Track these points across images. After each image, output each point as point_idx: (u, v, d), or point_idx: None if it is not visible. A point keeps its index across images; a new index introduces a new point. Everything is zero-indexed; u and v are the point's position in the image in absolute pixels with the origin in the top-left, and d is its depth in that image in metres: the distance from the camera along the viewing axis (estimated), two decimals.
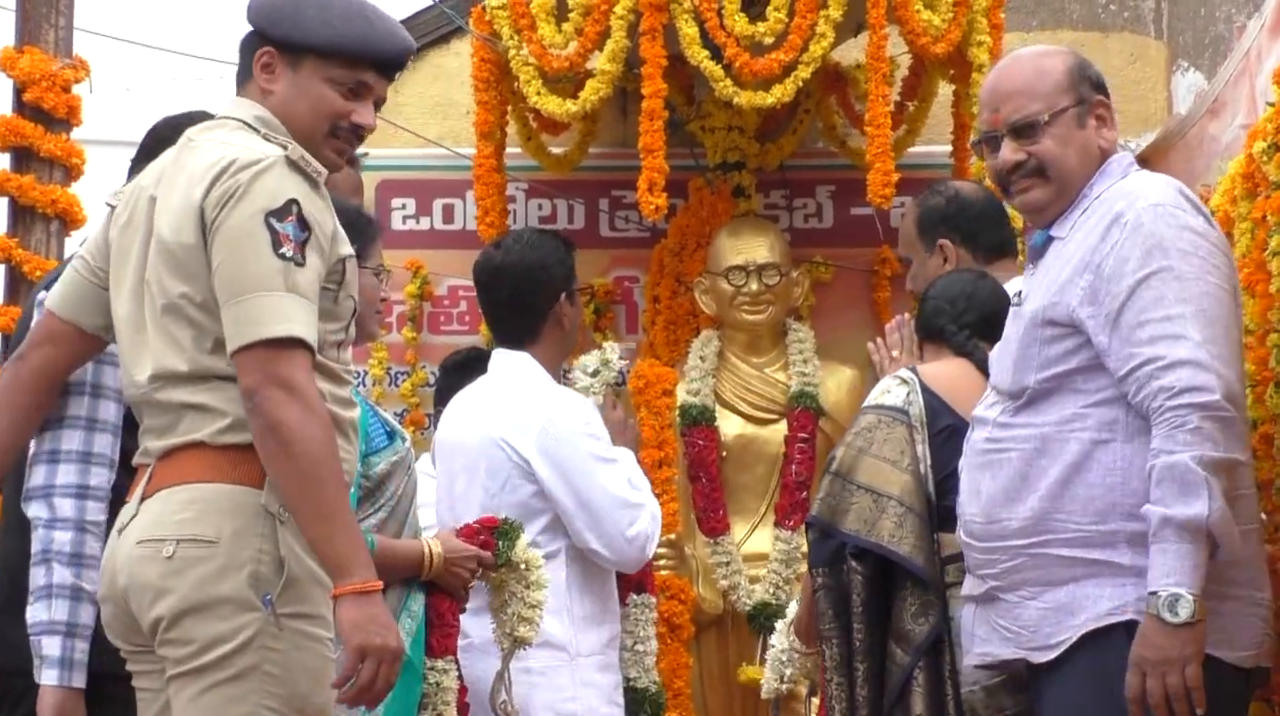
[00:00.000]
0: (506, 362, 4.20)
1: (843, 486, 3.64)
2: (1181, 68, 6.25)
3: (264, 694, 2.91)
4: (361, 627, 2.89)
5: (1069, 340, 3.10)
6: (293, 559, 2.95)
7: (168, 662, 2.96)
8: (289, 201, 2.95)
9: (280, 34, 3.13)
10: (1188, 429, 2.92)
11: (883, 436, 3.65)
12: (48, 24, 4.52)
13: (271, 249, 2.93)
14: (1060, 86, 3.23)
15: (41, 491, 3.30)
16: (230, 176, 2.96)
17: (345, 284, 3.08)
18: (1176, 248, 3.02)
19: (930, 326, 3.87)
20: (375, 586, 2.92)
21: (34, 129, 4.45)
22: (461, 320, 6.08)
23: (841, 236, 6.05)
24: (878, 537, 3.57)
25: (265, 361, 2.90)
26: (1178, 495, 2.90)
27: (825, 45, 5.19)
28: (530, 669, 3.97)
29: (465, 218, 6.10)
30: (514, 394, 4.12)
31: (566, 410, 4.08)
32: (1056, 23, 6.45)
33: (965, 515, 3.27)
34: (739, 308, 5.63)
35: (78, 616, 3.32)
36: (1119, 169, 3.21)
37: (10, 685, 3.42)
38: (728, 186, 5.87)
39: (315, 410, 2.91)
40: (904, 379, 3.73)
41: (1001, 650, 3.21)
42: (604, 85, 5.27)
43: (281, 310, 2.91)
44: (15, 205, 4.51)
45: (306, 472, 2.90)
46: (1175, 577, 2.89)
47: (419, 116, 6.36)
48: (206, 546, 2.93)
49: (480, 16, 5.57)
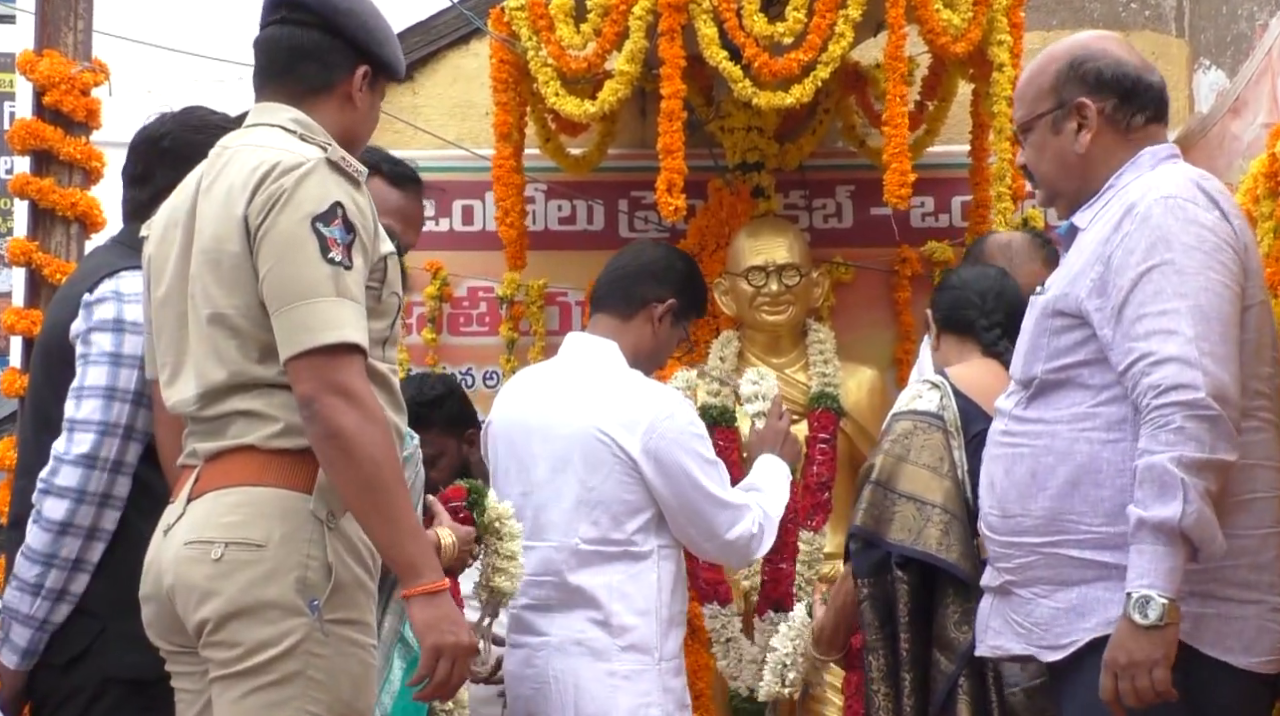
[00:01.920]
0: (591, 348, 4.18)
1: (884, 495, 3.63)
2: (1203, 66, 6.22)
3: (307, 699, 2.92)
4: (435, 627, 2.92)
5: (1077, 332, 3.09)
6: (340, 565, 2.96)
7: (212, 665, 2.97)
8: (334, 204, 2.95)
9: (381, 56, 3.17)
10: (1170, 428, 2.89)
11: (920, 442, 3.64)
12: (67, 27, 4.53)
13: (320, 254, 2.92)
14: (1043, 91, 3.23)
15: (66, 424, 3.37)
16: (273, 181, 2.97)
17: (388, 282, 3.08)
18: (1181, 241, 2.99)
19: (957, 318, 3.83)
20: (444, 585, 2.95)
21: (54, 132, 4.46)
22: (481, 321, 6.07)
23: (861, 236, 6.03)
24: (925, 546, 3.56)
25: (320, 368, 2.90)
26: (1155, 496, 2.88)
27: (844, 45, 5.18)
28: (615, 671, 3.98)
29: (484, 219, 6.10)
30: (614, 385, 4.10)
31: (675, 410, 4.07)
32: (1077, 21, 6.43)
33: (983, 507, 3.27)
34: (759, 308, 5.62)
35: (54, 616, 3.36)
36: (1150, 161, 3.18)
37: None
38: (747, 187, 5.86)
39: (373, 415, 2.92)
40: (935, 383, 3.71)
41: (1013, 645, 3.21)
42: (622, 86, 5.26)
43: (334, 316, 2.91)
44: (35, 208, 4.51)
45: (369, 477, 2.90)
46: (1148, 580, 2.87)
47: (438, 118, 6.36)
48: (255, 550, 2.94)
49: (499, 18, 5.57)
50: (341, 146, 3.08)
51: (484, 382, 6.09)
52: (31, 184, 4.50)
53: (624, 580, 4.01)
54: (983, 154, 5.71)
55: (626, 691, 3.97)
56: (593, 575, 4.00)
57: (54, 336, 3.56)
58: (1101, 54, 3.22)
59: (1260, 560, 3.02)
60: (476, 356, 5.89)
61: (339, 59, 3.15)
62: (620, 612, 3.99)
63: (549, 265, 6.01)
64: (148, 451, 3.40)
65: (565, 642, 3.97)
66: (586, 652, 3.98)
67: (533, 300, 6.04)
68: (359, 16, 3.15)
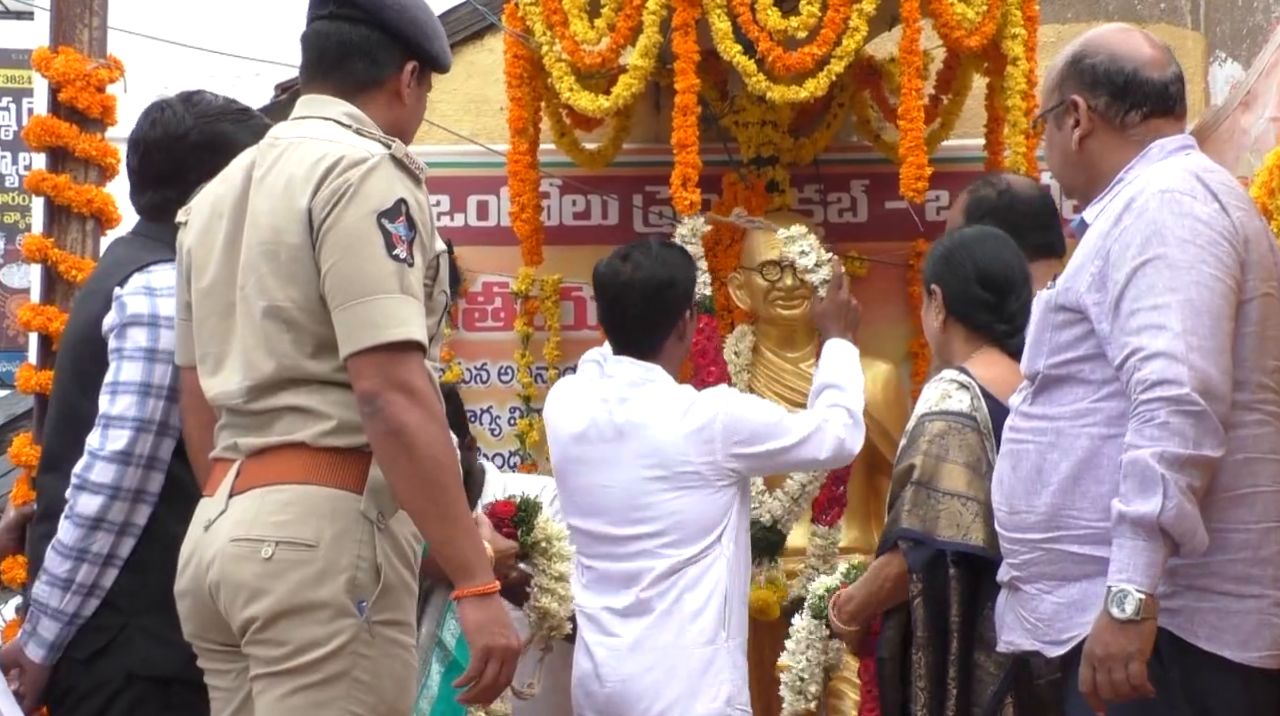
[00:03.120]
0: (640, 373, 4.32)
1: (928, 495, 3.61)
2: (1219, 59, 6.21)
3: (352, 700, 2.92)
4: (486, 629, 2.92)
5: (1078, 327, 3.08)
6: (388, 566, 2.95)
7: (255, 662, 2.96)
8: (399, 201, 2.94)
9: (429, 51, 3.16)
10: (1155, 423, 2.88)
11: (956, 442, 3.62)
12: (82, 24, 4.51)
13: (385, 251, 2.91)
14: (1050, 86, 3.25)
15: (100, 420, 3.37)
16: (339, 175, 2.94)
17: (439, 280, 3.07)
18: (1175, 235, 2.98)
19: (972, 319, 3.78)
20: (495, 587, 2.94)
21: (69, 129, 4.44)
22: (496, 317, 6.08)
23: (876, 231, 6.03)
24: (974, 541, 3.54)
25: (384, 365, 2.89)
26: (1136, 491, 2.87)
27: (858, 39, 5.18)
28: (691, 654, 4.15)
29: (499, 214, 6.11)
30: (674, 399, 4.28)
31: (727, 399, 4.31)
32: (1092, 15, 6.42)
33: (994, 503, 3.27)
34: (773, 302, 5.62)
35: (83, 610, 3.37)
36: (1159, 154, 3.17)
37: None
38: (761, 181, 5.86)
39: (436, 413, 2.92)
40: (963, 383, 3.68)
41: (1023, 640, 3.22)
42: (636, 81, 5.26)
43: (398, 313, 2.90)
44: (51, 205, 4.51)
45: (430, 476, 2.89)
46: (1126, 574, 2.87)
47: (453, 113, 6.36)
48: (306, 550, 2.92)
49: (513, 13, 5.58)
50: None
51: (499, 378, 6.10)
52: (47, 180, 4.49)
53: (697, 569, 4.20)
54: (997, 147, 5.70)
55: (699, 673, 4.15)
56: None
57: (83, 331, 3.55)
58: (1099, 50, 3.21)
59: (1261, 554, 3.01)
60: (491, 352, 5.90)
61: (388, 55, 3.13)
62: (690, 601, 4.19)
63: (564, 260, 6.01)
64: (178, 446, 3.41)
65: (637, 643, 4.12)
66: (658, 644, 4.14)
67: (548, 295, 6.04)
68: (408, 12, 3.13)
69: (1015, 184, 4.29)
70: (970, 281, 3.78)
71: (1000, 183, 4.29)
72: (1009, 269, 3.79)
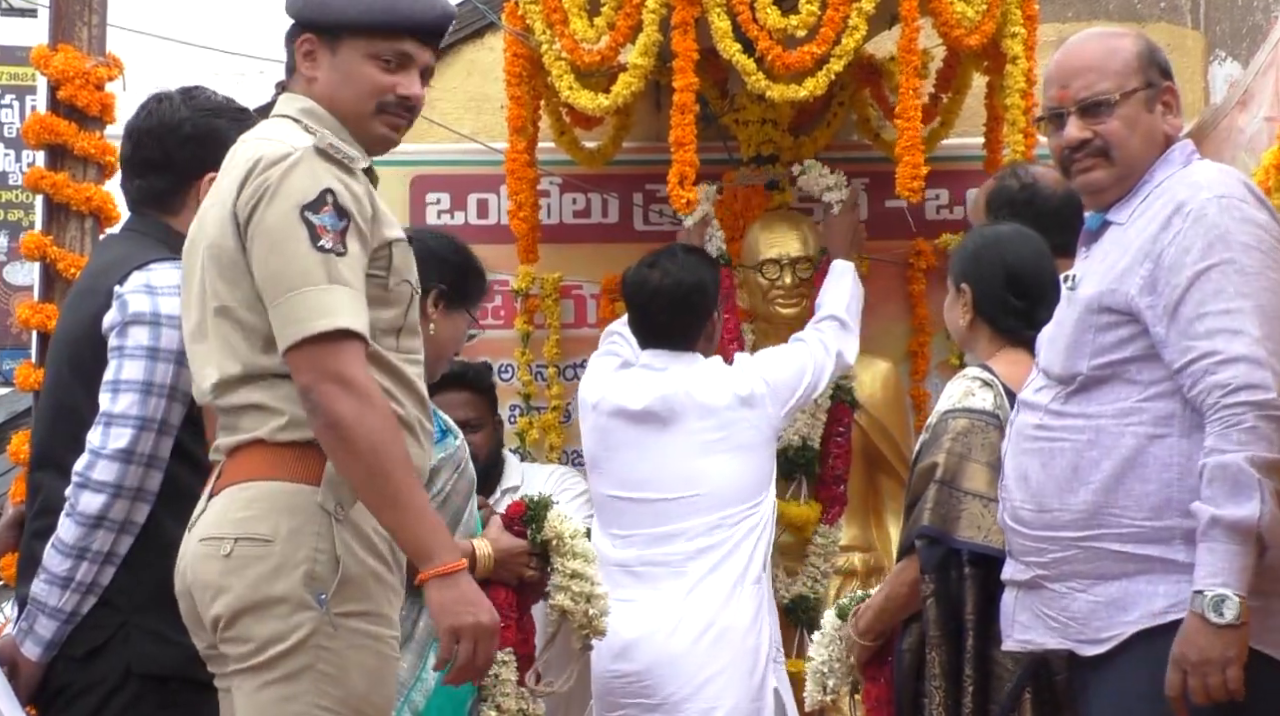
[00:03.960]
0: (677, 355, 4.78)
1: (950, 493, 3.60)
2: (1219, 58, 6.21)
3: (318, 693, 2.91)
4: (448, 609, 2.90)
5: (1124, 328, 3.08)
6: (349, 557, 2.95)
7: (229, 660, 2.98)
8: (323, 192, 2.94)
9: (315, 17, 3.11)
10: (1243, 428, 2.89)
11: (979, 441, 3.61)
12: (81, 22, 4.54)
13: (310, 243, 2.91)
14: (1131, 67, 3.19)
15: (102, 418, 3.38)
16: (259, 175, 2.96)
17: (394, 269, 3.06)
18: (1240, 241, 2.99)
19: (999, 322, 3.77)
20: (457, 566, 2.92)
21: (68, 127, 4.47)
22: (496, 314, 6.07)
23: (876, 229, 6.01)
24: (993, 543, 3.53)
25: (316, 358, 2.89)
26: (1229, 495, 2.87)
27: (858, 38, 5.17)
28: (747, 604, 4.64)
29: (499, 212, 6.10)
30: (719, 371, 4.79)
31: (760, 366, 4.87)
32: (1092, 13, 6.42)
33: (1012, 501, 3.24)
34: (773, 301, 5.61)
35: (80, 608, 3.37)
36: (1181, 157, 3.17)
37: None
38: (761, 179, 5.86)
39: (371, 400, 2.90)
40: (986, 381, 3.67)
41: (1046, 638, 3.20)
42: (636, 79, 5.26)
43: (325, 304, 2.90)
44: (50, 202, 4.53)
45: (370, 464, 2.89)
46: (1222, 578, 2.86)
47: (453, 111, 6.36)
48: (263, 545, 2.93)
49: (512, 11, 5.58)
50: (339, 116, 3.08)
51: (499, 376, 6.09)
52: (46, 178, 4.51)
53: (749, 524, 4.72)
54: (997, 146, 5.69)
55: (756, 616, 4.65)
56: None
57: (81, 329, 3.55)
58: (1158, 47, 3.25)
59: None
60: (491, 350, 5.89)
61: (292, 41, 3.15)
62: (755, 561, 4.70)
63: (564, 258, 6.01)
64: (176, 445, 3.41)
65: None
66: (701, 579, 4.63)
67: (548, 293, 6.04)
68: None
69: (1041, 178, 4.21)
70: (1000, 284, 3.77)
71: (1026, 175, 4.24)
72: (1040, 273, 3.76)
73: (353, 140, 3.10)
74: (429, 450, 3.16)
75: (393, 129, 3.15)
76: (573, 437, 5.70)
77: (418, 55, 3.13)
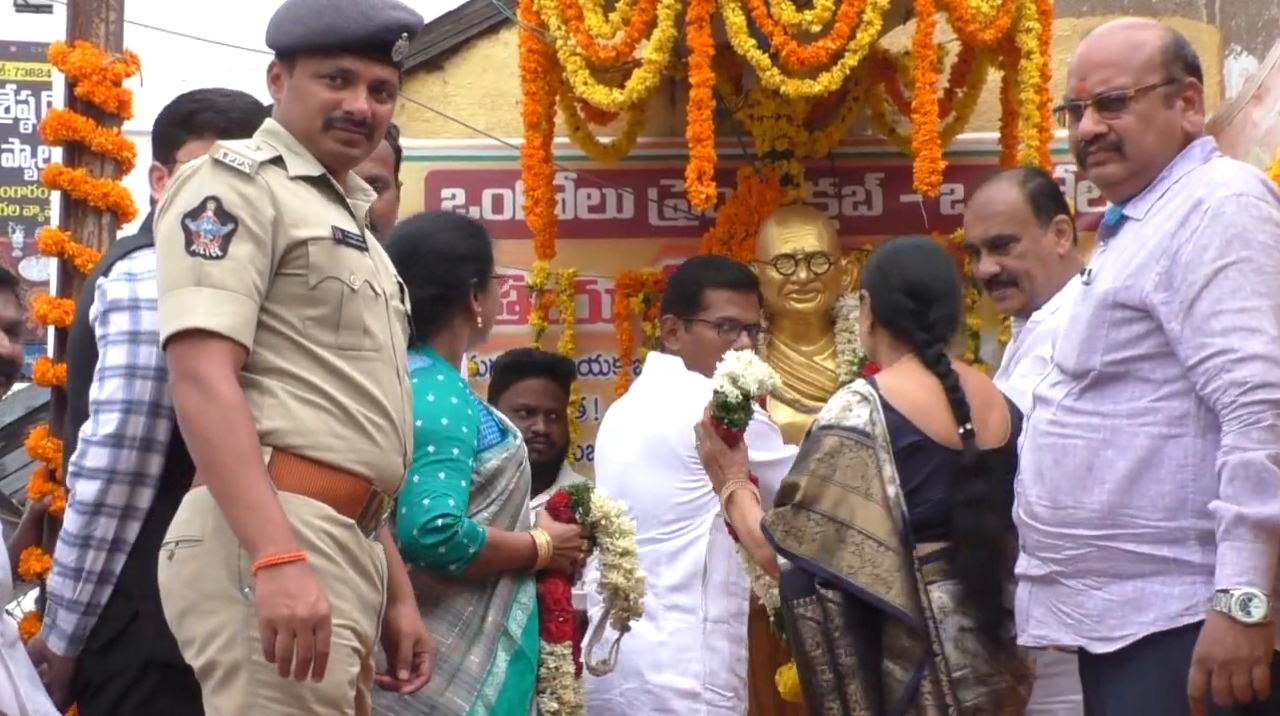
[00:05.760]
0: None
1: (806, 517, 3.58)
2: (1234, 52, 6.20)
3: (258, 684, 2.96)
4: (267, 601, 2.90)
5: (1139, 324, 3.08)
6: None
7: None
8: (205, 199, 3.03)
9: (274, 43, 3.25)
10: (1262, 426, 2.89)
11: (845, 462, 3.58)
12: (98, 18, 4.54)
13: (184, 248, 3.02)
14: (1152, 63, 3.18)
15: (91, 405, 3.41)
16: (167, 190, 3.13)
17: (314, 267, 3.10)
18: (1258, 240, 2.99)
19: (894, 325, 3.80)
20: (282, 557, 2.90)
21: (85, 123, 4.47)
22: (511, 309, 6.08)
23: (891, 224, 6.01)
24: (836, 568, 3.52)
25: (175, 356, 3.00)
26: (1252, 493, 2.87)
27: (873, 33, 5.17)
28: (661, 627, 4.41)
29: (514, 208, 6.11)
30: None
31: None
32: (1107, 8, 6.40)
33: (1028, 495, 3.24)
34: (787, 296, 5.62)
35: (97, 598, 3.39)
36: (1201, 153, 3.17)
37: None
38: (776, 175, 5.86)
39: (213, 395, 2.95)
40: (864, 396, 3.65)
41: (1060, 635, 3.20)
42: (651, 75, 5.26)
43: (185, 304, 2.99)
44: (67, 199, 4.54)
45: (205, 458, 2.97)
46: (1248, 577, 2.86)
47: (468, 107, 6.38)
48: (194, 545, 3.03)
49: (528, 7, 5.58)
50: (295, 135, 3.19)
51: None
52: (64, 175, 4.52)
53: (674, 545, 4.47)
54: (1012, 141, 5.69)
55: (669, 646, 4.42)
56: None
57: (81, 327, 3.60)
58: (1187, 42, 3.24)
59: None
60: (506, 345, 5.88)
61: (271, 70, 3.29)
62: (665, 575, 4.45)
63: (579, 254, 6.02)
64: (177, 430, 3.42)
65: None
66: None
67: (563, 289, 6.05)
68: (273, 23, 3.25)
69: None
70: (896, 289, 3.79)
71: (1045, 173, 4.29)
72: (935, 279, 3.80)
73: (308, 156, 3.20)
74: (387, 444, 3.16)
75: (346, 144, 3.23)
76: (587, 433, 5.71)
77: (362, 71, 3.21)
